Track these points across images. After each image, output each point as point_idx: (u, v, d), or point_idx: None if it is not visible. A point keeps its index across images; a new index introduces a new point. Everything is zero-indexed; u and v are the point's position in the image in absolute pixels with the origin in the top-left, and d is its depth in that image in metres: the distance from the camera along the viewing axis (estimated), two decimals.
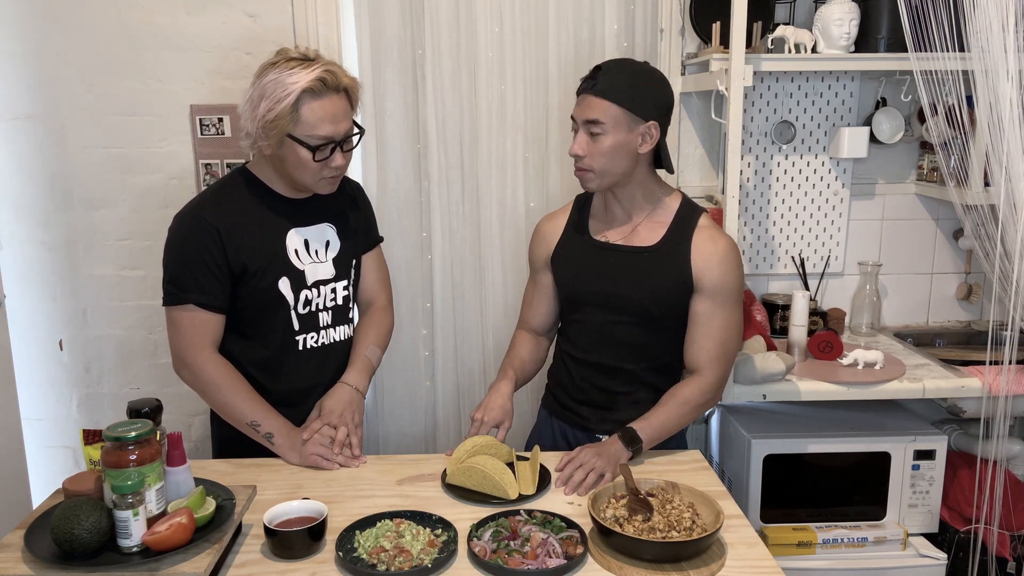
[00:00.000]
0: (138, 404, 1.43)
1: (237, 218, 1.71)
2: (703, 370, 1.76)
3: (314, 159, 1.64)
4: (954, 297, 2.75)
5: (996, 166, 1.96)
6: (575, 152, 1.71)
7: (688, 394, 1.75)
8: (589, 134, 1.69)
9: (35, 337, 2.60)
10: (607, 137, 1.67)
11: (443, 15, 2.36)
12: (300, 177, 1.69)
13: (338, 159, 1.68)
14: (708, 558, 1.36)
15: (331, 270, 1.82)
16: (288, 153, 1.66)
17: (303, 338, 1.79)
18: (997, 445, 2.18)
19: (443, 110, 2.42)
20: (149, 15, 2.41)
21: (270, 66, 1.64)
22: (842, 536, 2.21)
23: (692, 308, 1.75)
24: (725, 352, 1.76)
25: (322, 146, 1.64)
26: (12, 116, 2.46)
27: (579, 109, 1.71)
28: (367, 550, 1.35)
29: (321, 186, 1.72)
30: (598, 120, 1.66)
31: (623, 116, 1.67)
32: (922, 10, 2.00)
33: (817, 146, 2.61)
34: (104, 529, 1.23)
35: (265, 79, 1.63)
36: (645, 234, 1.78)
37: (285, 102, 1.59)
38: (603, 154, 1.69)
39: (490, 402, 1.80)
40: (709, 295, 1.73)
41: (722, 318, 1.74)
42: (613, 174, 1.72)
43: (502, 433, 1.77)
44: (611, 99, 1.66)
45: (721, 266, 1.72)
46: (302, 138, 1.63)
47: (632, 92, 1.67)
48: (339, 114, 1.65)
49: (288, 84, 1.59)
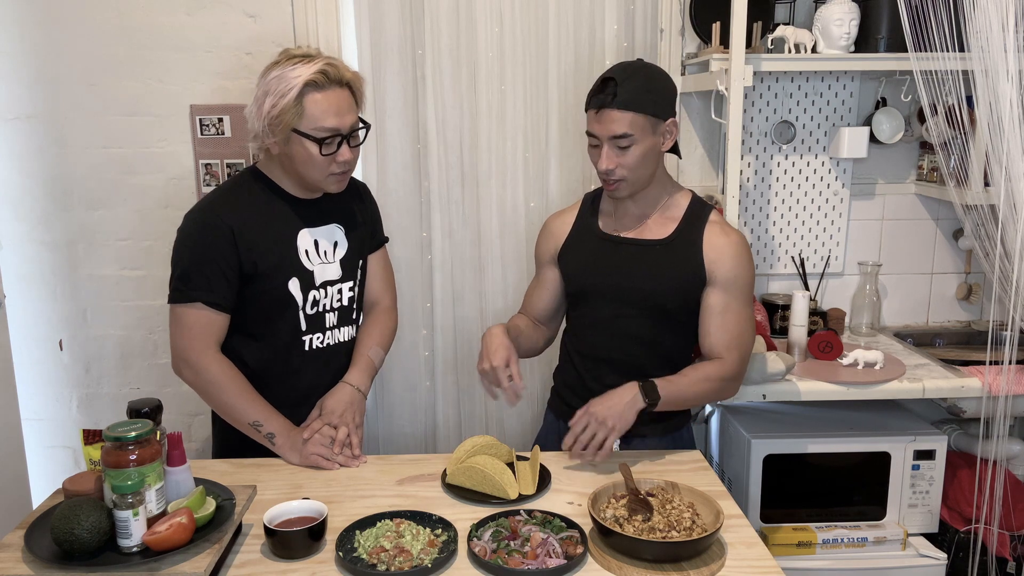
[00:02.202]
0: (138, 404, 1.42)
1: (250, 218, 1.71)
2: (722, 355, 1.75)
3: (321, 152, 1.65)
4: (954, 297, 2.75)
5: (996, 166, 1.96)
6: (606, 167, 1.69)
7: (710, 370, 1.74)
8: (617, 148, 1.67)
9: (35, 337, 2.60)
10: (637, 147, 1.67)
11: (443, 15, 2.37)
12: (309, 174, 1.69)
13: (345, 153, 1.68)
14: (708, 558, 1.35)
15: (338, 271, 1.82)
16: (295, 149, 1.66)
17: (309, 338, 1.79)
18: (997, 445, 2.18)
19: (443, 110, 2.42)
20: (149, 15, 2.41)
21: (273, 65, 1.66)
22: (842, 536, 2.21)
23: (705, 301, 1.76)
24: (741, 342, 1.76)
25: (328, 139, 1.64)
26: (12, 116, 2.46)
27: (601, 125, 1.68)
28: (367, 550, 1.35)
29: (330, 183, 1.72)
30: (627, 133, 1.65)
31: (648, 123, 1.67)
32: (922, 10, 2.01)
33: (817, 146, 2.61)
34: (104, 529, 1.23)
35: (269, 77, 1.64)
36: (656, 228, 1.78)
37: (288, 96, 1.60)
38: (634, 164, 1.69)
39: (488, 346, 1.68)
40: (722, 287, 1.73)
41: (736, 311, 1.74)
42: (644, 179, 1.73)
43: (514, 369, 1.66)
44: (636, 109, 1.65)
45: (734, 259, 1.73)
46: (308, 132, 1.63)
47: (652, 97, 1.67)
48: (343, 107, 1.65)
49: (291, 78, 1.61)
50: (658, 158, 1.74)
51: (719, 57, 2.23)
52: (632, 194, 1.76)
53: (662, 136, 1.71)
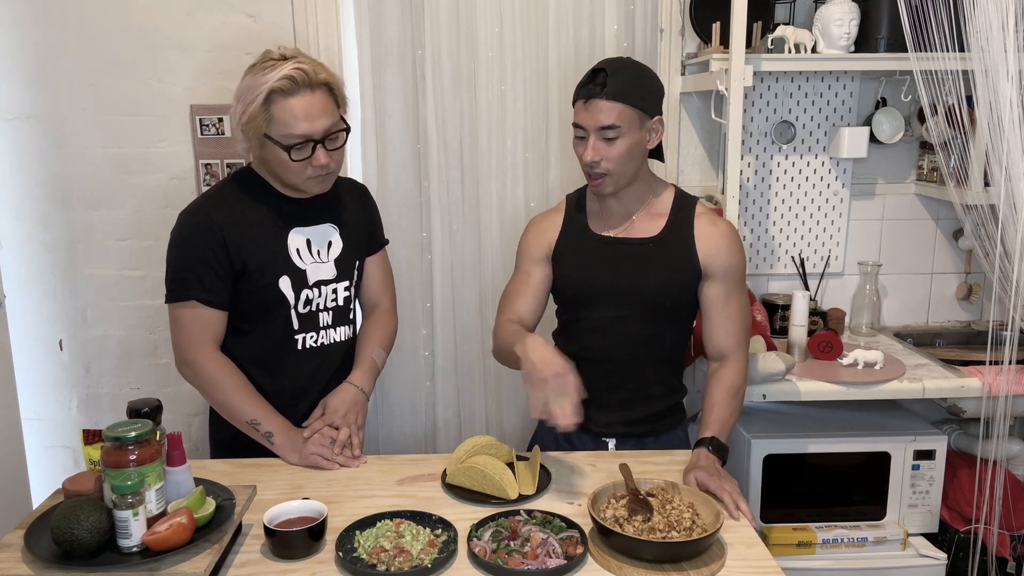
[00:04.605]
0: (138, 404, 1.42)
1: (240, 217, 1.71)
2: (733, 353, 1.75)
3: (291, 158, 1.63)
4: (954, 297, 2.75)
5: (996, 166, 1.96)
6: (591, 159, 1.68)
7: (734, 381, 1.73)
8: (604, 139, 1.67)
9: (35, 337, 2.60)
10: (623, 140, 1.66)
11: (443, 15, 2.37)
12: (286, 177, 1.69)
13: (321, 157, 1.65)
14: (708, 558, 1.35)
15: (333, 270, 1.81)
16: (269, 154, 1.66)
17: (302, 337, 1.79)
18: (997, 445, 2.18)
19: (443, 110, 2.42)
20: (149, 15, 2.41)
21: (251, 68, 1.64)
22: (842, 536, 2.21)
23: (705, 294, 1.76)
24: (747, 334, 1.78)
25: (299, 145, 1.62)
26: (12, 116, 2.46)
27: (588, 115, 1.67)
28: (367, 550, 1.35)
29: (309, 185, 1.70)
30: (614, 124, 1.65)
31: (636, 116, 1.66)
32: (922, 10, 2.00)
33: (817, 146, 2.61)
34: (104, 529, 1.23)
35: (243, 82, 1.63)
36: (644, 226, 1.78)
37: (255, 103, 1.59)
38: (620, 157, 1.68)
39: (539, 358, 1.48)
40: (721, 278, 1.74)
41: (738, 299, 1.76)
42: (628, 175, 1.72)
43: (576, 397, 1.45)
44: (624, 100, 1.64)
45: (727, 248, 1.74)
46: (277, 138, 1.62)
47: (641, 91, 1.67)
48: (314, 111, 1.61)
49: (258, 85, 1.59)
50: (643, 155, 1.73)
51: (719, 57, 2.23)
52: (616, 191, 1.74)
53: (648, 133, 1.70)
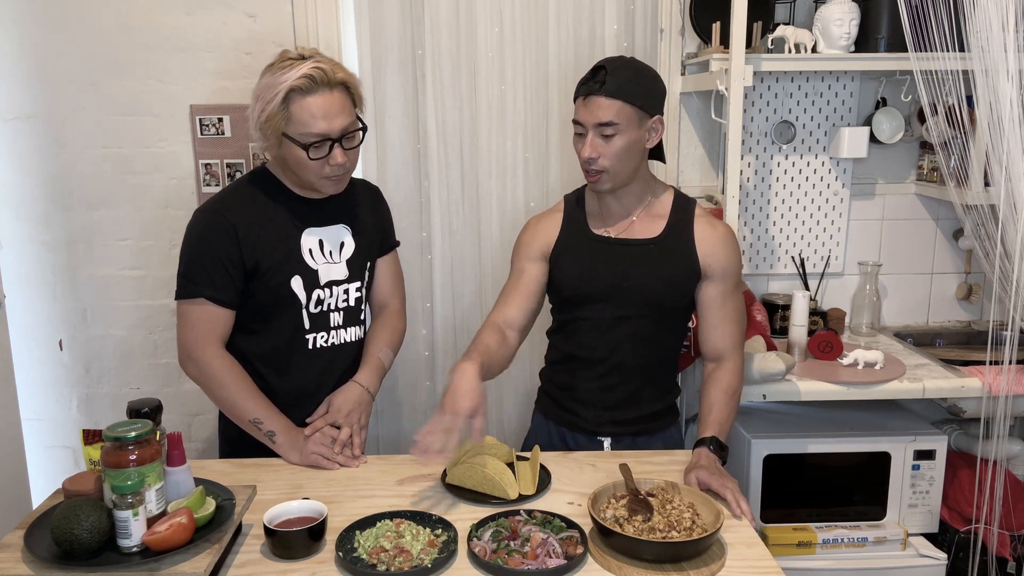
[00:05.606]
0: (138, 404, 1.42)
1: (254, 216, 1.73)
2: (730, 355, 1.76)
3: (309, 157, 1.65)
4: (954, 297, 2.75)
5: (996, 166, 1.96)
6: (588, 155, 1.68)
7: (732, 383, 1.75)
8: (602, 136, 1.67)
9: (35, 337, 2.60)
10: (621, 137, 1.66)
11: (443, 15, 2.37)
12: (303, 176, 1.70)
13: (338, 156, 1.67)
14: (708, 558, 1.35)
15: (344, 271, 1.82)
16: (287, 152, 1.67)
17: (313, 337, 1.80)
18: (997, 445, 2.18)
19: (443, 110, 2.42)
20: (149, 15, 2.41)
21: (269, 67, 1.66)
22: (842, 536, 2.21)
23: (702, 295, 1.76)
24: (743, 335, 1.80)
25: (318, 143, 1.64)
26: (12, 116, 2.46)
27: (587, 112, 1.67)
28: (367, 550, 1.35)
29: (325, 185, 1.71)
30: (612, 121, 1.65)
31: (635, 114, 1.66)
32: (922, 10, 2.00)
33: (817, 146, 2.61)
34: (104, 529, 1.23)
35: (261, 81, 1.65)
36: (644, 227, 1.78)
37: (274, 101, 1.60)
38: (617, 155, 1.67)
39: (458, 387, 1.52)
40: (720, 280, 1.75)
41: (735, 301, 1.77)
42: (626, 173, 1.72)
43: (479, 424, 1.50)
44: (623, 98, 1.64)
45: (726, 250, 1.75)
46: (295, 136, 1.63)
47: (641, 89, 1.66)
48: (332, 110, 1.63)
49: (277, 83, 1.60)
50: (642, 154, 1.73)
51: (719, 57, 2.23)
52: (613, 188, 1.74)
53: (647, 132, 1.70)
